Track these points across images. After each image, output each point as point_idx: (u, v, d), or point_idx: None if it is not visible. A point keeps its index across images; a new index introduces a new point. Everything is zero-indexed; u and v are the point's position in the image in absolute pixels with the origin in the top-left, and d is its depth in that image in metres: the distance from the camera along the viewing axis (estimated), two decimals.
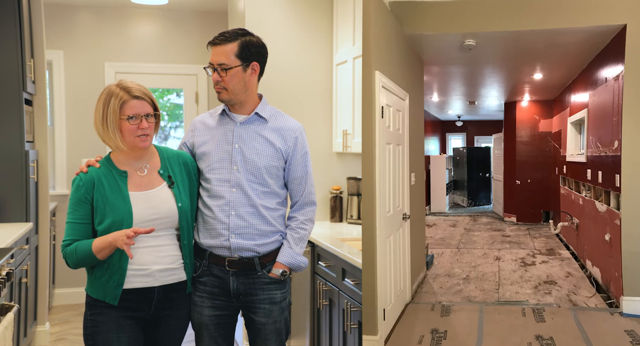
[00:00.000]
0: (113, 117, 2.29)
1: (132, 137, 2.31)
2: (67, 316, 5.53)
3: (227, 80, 2.46)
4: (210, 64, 2.48)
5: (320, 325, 3.65)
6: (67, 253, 2.32)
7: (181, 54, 6.25)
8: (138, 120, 2.30)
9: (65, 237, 2.35)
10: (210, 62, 2.48)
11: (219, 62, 2.45)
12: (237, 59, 2.45)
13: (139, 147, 2.34)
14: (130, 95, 2.30)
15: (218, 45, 2.45)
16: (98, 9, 6.03)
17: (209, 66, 2.48)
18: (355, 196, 4.44)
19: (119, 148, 2.34)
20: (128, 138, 2.32)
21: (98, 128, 2.33)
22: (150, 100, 2.35)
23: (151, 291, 2.35)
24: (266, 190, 2.51)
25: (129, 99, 2.30)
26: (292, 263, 2.53)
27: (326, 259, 3.54)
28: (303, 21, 4.50)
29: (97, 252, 2.27)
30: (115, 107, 2.28)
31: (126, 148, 2.33)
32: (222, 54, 2.44)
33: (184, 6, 6.10)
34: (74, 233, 2.33)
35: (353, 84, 4.09)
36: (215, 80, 2.47)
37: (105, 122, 2.30)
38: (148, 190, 2.38)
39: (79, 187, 2.33)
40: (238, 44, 2.45)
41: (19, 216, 4.33)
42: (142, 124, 2.31)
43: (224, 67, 2.44)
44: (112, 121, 2.29)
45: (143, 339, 2.41)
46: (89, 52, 6.03)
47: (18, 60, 4.32)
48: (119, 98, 2.29)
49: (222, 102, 2.54)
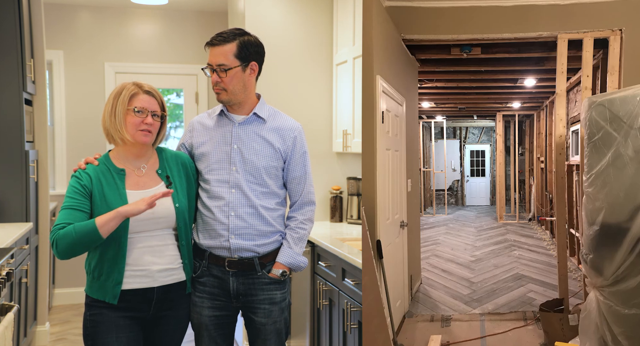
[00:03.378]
0: (121, 107, 2.31)
1: (134, 129, 2.32)
2: (67, 316, 5.53)
3: (227, 81, 2.45)
4: (208, 65, 2.46)
5: (320, 325, 3.64)
6: (61, 235, 2.19)
7: (181, 54, 6.25)
8: (144, 114, 2.32)
9: (58, 221, 2.25)
10: (208, 63, 2.46)
11: (218, 62, 2.43)
12: (236, 59, 2.44)
13: (139, 141, 2.34)
14: (141, 89, 2.35)
15: (216, 46, 2.44)
16: (98, 9, 6.03)
17: (208, 67, 2.47)
18: (355, 196, 4.44)
19: (123, 139, 2.34)
20: (131, 131, 2.32)
21: (105, 120, 2.34)
22: (160, 99, 2.39)
23: (150, 292, 2.35)
24: (265, 190, 2.51)
25: (140, 93, 2.34)
26: (291, 263, 2.53)
27: (326, 259, 3.54)
28: (303, 21, 4.50)
29: (101, 226, 2.18)
30: (124, 98, 2.32)
31: (130, 139, 2.33)
32: (221, 54, 2.43)
33: (184, 6, 6.10)
34: (69, 218, 2.24)
35: (353, 84, 4.09)
36: (214, 81, 2.46)
37: (114, 113, 2.32)
38: (145, 190, 2.38)
39: (78, 179, 2.33)
40: (236, 44, 2.44)
41: (19, 216, 4.33)
42: (147, 119, 2.33)
43: (224, 67, 2.43)
44: (120, 112, 2.31)
45: (142, 339, 2.41)
46: (89, 52, 6.03)
47: (18, 60, 4.32)
48: (130, 90, 2.33)
49: (222, 103, 2.53)
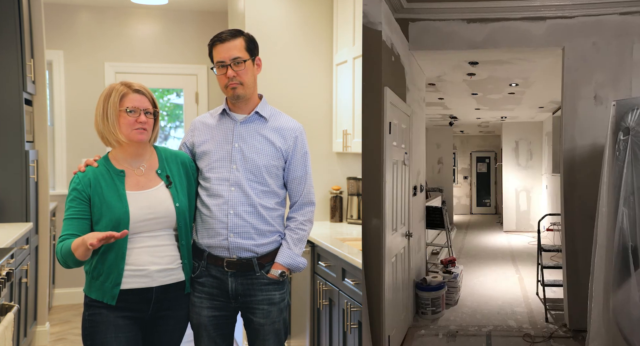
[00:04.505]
0: (113, 109, 2.31)
1: (129, 129, 2.32)
2: (67, 316, 5.53)
3: (243, 74, 2.46)
4: (219, 62, 2.46)
5: (320, 325, 3.64)
6: (57, 251, 2.29)
7: (181, 54, 6.25)
8: (137, 113, 2.32)
9: (61, 232, 2.32)
10: (220, 60, 2.45)
11: (232, 56, 2.44)
12: (247, 53, 2.48)
13: (135, 139, 2.33)
14: (130, 88, 2.34)
15: (227, 41, 2.45)
16: (98, 9, 6.03)
17: (218, 64, 2.46)
18: (355, 196, 4.44)
19: (118, 141, 2.34)
20: (125, 131, 2.32)
21: (98, 124, 2.34)
22: (150, 97, 2.38)
23: (149, 292, 2.35)
24: (265, 189, 2.51)
25: (129, 92, 2.33)
26: (290, 264, 2.53)
27: (326, 259, 3.54)
28: (303, 21, 4.50)
29: (74, 250, 2.22)
30: (115, 100, 2.31)
31: (125, 140, 2.33)
32: (234, 48, 2.45)
33: (184, 6, 6.10)
34: (70, 228, 2.30)
35: (353, 84, 4.09)
36: (230, 75, 2.44)
37: (106, 116, 2.31)
38: (145, 190, 2.38)
39: (77, 185, 2.33)
40: (244, 39, 2.49)
41: (19, 216, 4.33)
42: (140, 118, 2.32)
43: (239, 60, 2.44)
44: (112, 113, 2.31)
45: (141, 339, 2.41)
46: (89, 52, 6.03)
47: (18, 60, 4.32)
48: (119, 91, 2.33)
49: (236, 99, 2.50)
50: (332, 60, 4.54)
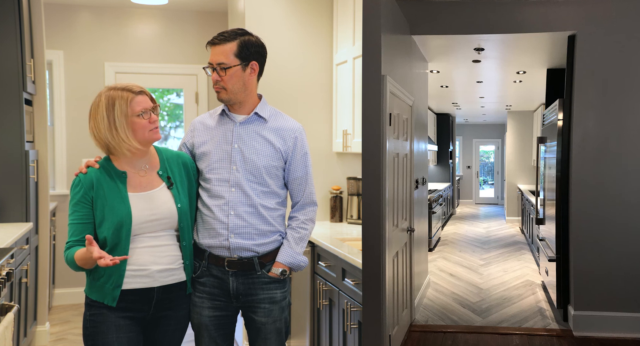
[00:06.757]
0: (123, 119, 2.27)
1: (145, 132, 2.32)
2: (67, 316, 5.53)
3: (226, 80, 2.46)
4: (209, 64, 2.48)
5: (320, 325, 3.64)
6: (64, 257, 2.32)
7: (181, 54, 6.25)
8: (148, 114, 2.32)
9: (68, 238, 2.34)
10: (209, 62, 2.48)
11: (218, 61, 2.45)
12: (236, 59, 2.45)
13: (153, 140, 2.35)
14: (132, 92, 2.31)
15: (217, 45, 2.46)
16: (98, 9, 6.03)
17: (208, 66, 2.49)
18: (355, 196, 4.44)
19: (131, 150, 2.31)
20: (141, 135, 2.31)
21: (104, 135, 2.28)
22: (149, 94, 2.39)
23: (150, 292, 2.35)
24: (265, 189, 2.51)
25: (134, 96, 2.31)
26: (292, 262, 2.53)
27: (326, 259, 3.54)
28: (303, 21, 4.50)
29: (78, 260, 2.24)
30: (123, 108, 2.27)
31: (140, 147, 2.33)
32: (221, 53, 2.45)
33: (184, 6, 6.10)
34: (75, 233, 2.31)
35: (353, 84, 4.09)
36: (214, 79, 2.48)
37: (114, 127, 2.27)
38: (147, 191, 2.37)
39: (78, 188, 2.33)
40: (237, 44, 2.45)
41: (19, 216, 4.33)
42: (152, 117, 2.33)
43: (223, 66, 2.45)
44: (122, 123, 2.27)
45: (143, 339, 2.41)
46: (89, 52, 6.03)
47: (18, 60, 4.32)
48: (125, 98, 2.29)
49: (222, 102, 2.54)
50: (332, 60, 4.54)
